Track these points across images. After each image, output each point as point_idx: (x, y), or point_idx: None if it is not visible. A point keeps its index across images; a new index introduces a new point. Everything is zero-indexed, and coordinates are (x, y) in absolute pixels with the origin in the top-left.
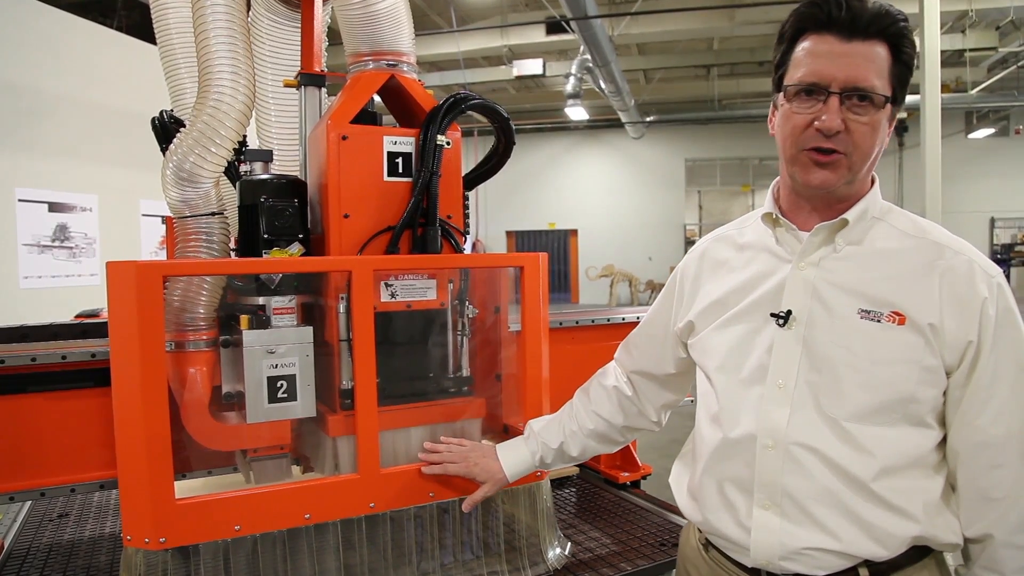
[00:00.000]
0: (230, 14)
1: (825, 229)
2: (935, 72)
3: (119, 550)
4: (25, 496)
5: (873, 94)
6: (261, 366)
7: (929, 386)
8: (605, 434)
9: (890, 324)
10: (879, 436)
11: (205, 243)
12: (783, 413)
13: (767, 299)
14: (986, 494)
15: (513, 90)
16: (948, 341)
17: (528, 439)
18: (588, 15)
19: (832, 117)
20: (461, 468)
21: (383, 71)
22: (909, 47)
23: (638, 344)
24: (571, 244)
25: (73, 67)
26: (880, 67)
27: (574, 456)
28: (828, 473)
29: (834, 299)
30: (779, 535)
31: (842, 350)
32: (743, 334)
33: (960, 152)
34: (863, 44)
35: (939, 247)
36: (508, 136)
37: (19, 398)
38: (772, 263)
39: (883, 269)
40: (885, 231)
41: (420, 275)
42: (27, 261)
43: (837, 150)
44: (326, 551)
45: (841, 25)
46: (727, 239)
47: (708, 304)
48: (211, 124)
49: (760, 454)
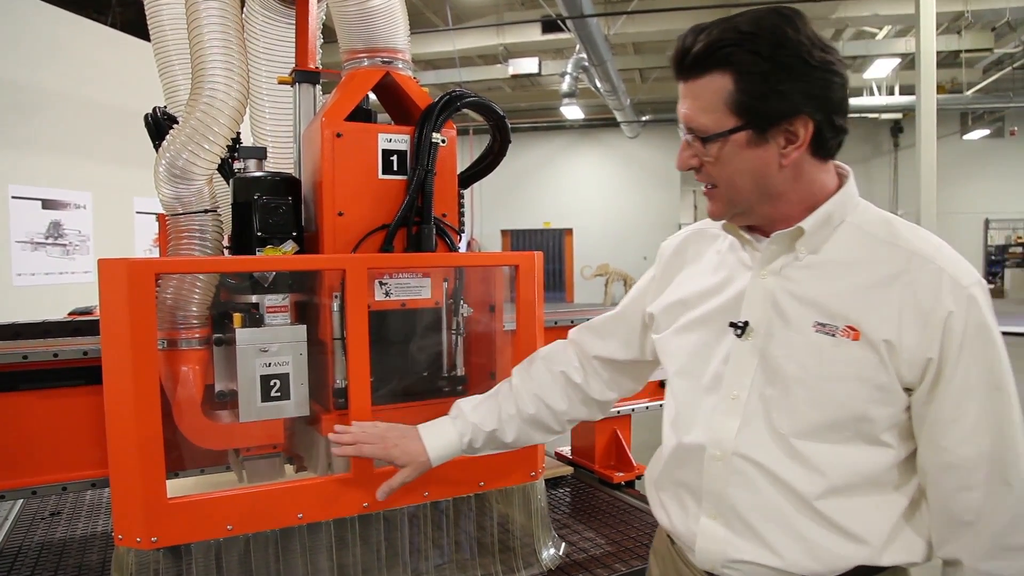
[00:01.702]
0: (223, 10)
1: (782, 237)
2: (931, 73)
3: (111, 549)
4: (16, 495)
5: (704, 133)
6: (254, 365)
7: (883, 405)
8: (544, 422)
9: (844, 339)
10: (829, 453)
11: (198, 240)
12: (733, 425)
13: (727, 307)
14: (955, 517)
15: (509, 89)
16: (906, 358)
17: (456, 419)
18: (584, 14)
19: (679, 157)
20: (378, 450)
21: (378, 68)
22: (748, 69)
23: (608, 329)
24: (566, 243)
25: (67, 64)
26: (714, 100)
27: (507, 443)
28: (773, 489)
29: (792, 310)
30: (723, 545)
31: (795, 364)
32: (703, 340)
33: (955, 153)
34: (700, 81)
35: (908, 255)
36: (504, 134)
37: (10, 396)
38: (738, 270)
39: (844, 280)
40: (854, 236)
41: (415, 274)
42: (20, 258)
43: (711, 184)
44: (319, 551)
45: (678, 68)
46: (711, 237)
47: (673, 301)
48: (204, 121)
49: (708, 464)
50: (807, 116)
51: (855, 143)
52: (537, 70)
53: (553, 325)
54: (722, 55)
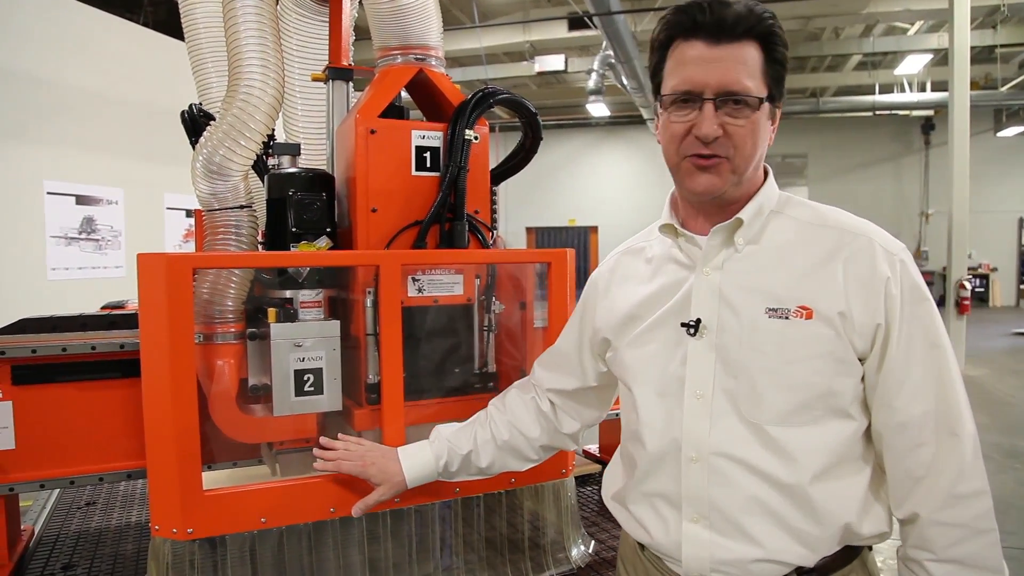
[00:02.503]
0: (260, 8)
1: (723, 230)
2: (964, 69)
3: (146, 539)
4: (55, 484)
5: (747, 96)
6: (288, 359)
7: (845, 376)
8: (519, 449)
9: (798, 319)
10: (803, 436)
11: (234, 236)
12: (704, 424)
13: (676, 309)
14: (910, 474)
15: (534, 86)
16: (857, 327)
17: (433, 443)
18: (611, 11)
19: (708, 124)
20: (356, 467)
21: (411, 65)
22: (781, 44)
23: (554, 362)
24: (591, 241)
25: (101, 62)
26: (752, 68)
27: (482, 468)
28: (754, 481)
29: (740, 301)
30: (709, 548)
31: (755, 353)
32: (657, 347)
33: (989, 150)
34: (732, 46)
35: (839, 232)
36: (535, 131)
37: (50, 387)
38: (679, 273)
39: (786, 264)
40: (785, 224)
41: (447, 270)
42: (55, 253)
43: (718, 155)
44: (351, 544)
45: (708, 29)
46: (636, 252)
47: (620, 319)
48: (240, 117)
49: (685, 467)
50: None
51: (885, 140)
52: (563, 67)
53: None
54: (765, 27)
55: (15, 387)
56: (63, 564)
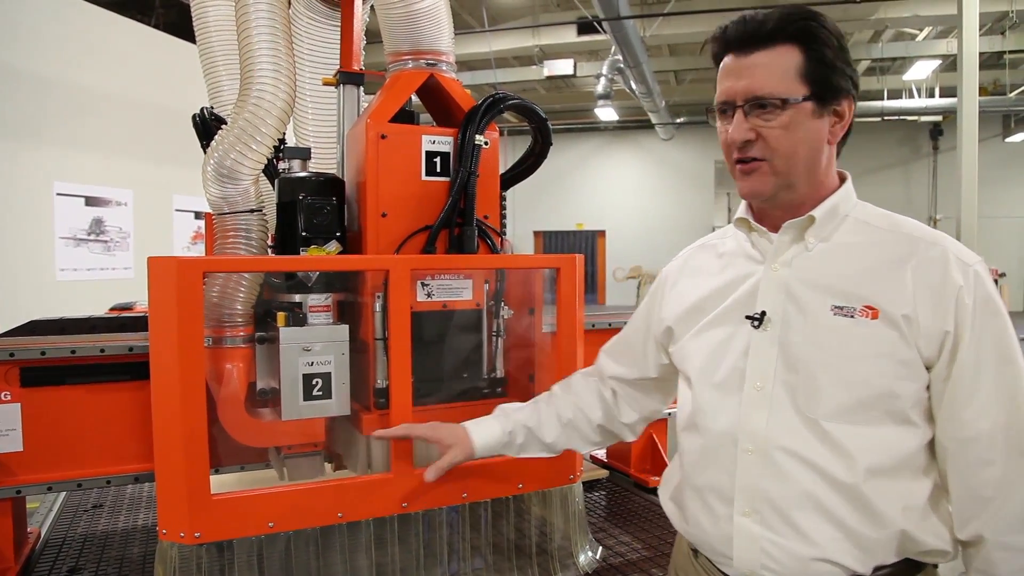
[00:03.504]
0: (272, 12)
1: (793, 227)
2: (972, 74)
3: (152, 542)
4: (63, 487)
5: (771, 99)
6: (297, 363)
7: (908, 380)
8: (581, 429)
9: (863, 319)
10: (860, 435)
11: (244, 240)
12: (762, 415)
13: (742, 302)
14: (976, 492)
15: (543, 90)
16: (924, 332)
17: (498, 416)
18: (620, 15)
19: (736, 130)
20: (427, 430)
21: (422, 70)
22: (822, 42)
23: (619, 350)
24: (599, 245)
25: (111, 64)
26: (784, 69)
27: (547, 443)
28: (809, 476)
29: (806, 297)
30: (760, 542)
31: (816, 348)
32: (720, 338)
33: (997, 156)
34: (763, 53)
35: (912, 239)
36: (545, 137)
37: (59, 390)
38: (748, 267)
39: (855, 264)
40: (858, 227)
41: (457, 275)
42: (64, 254)
43: (755, 158)
44: (358, 550)
45: (737, 42)
46: (709, 248)
47: (686, 309)
48: (252, 122)
49: (740, 459)
50: (852, 98)
51: (893, 145)
52: (572, 72)
53: (591, 328)
54: (797, 28)
55: (24, 389)
56: (69, 567)
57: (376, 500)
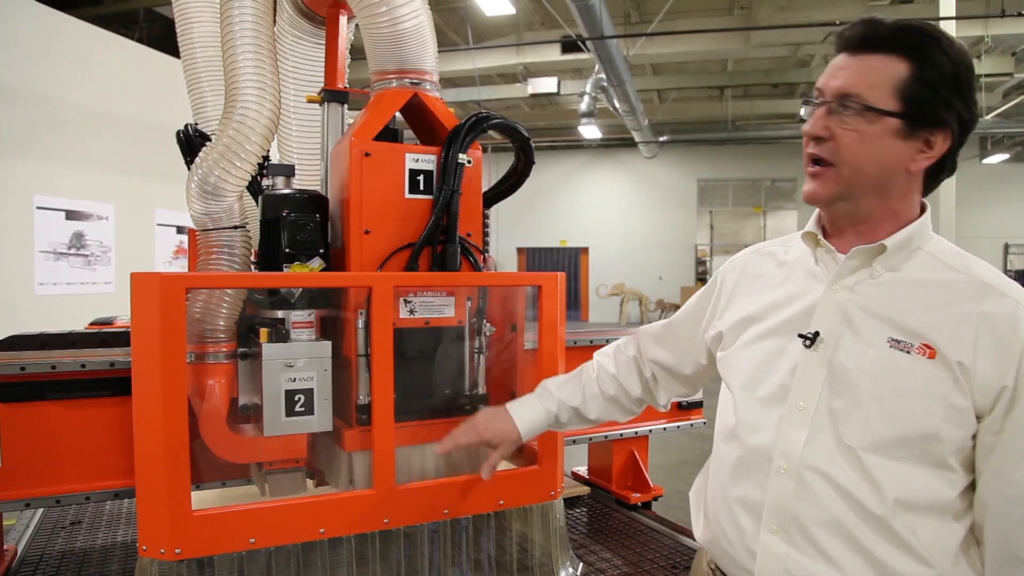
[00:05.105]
0: (257, 29)
1: (862, 253)
2: None
3: (132, 559)
4: (41, 503)
5: (857, 102)
6: (279, 379)
7: (955, 426)
8: (622, 403)
9: (919, 356)
10: (894, 471)
11: (227, 256)
12: (800, 435)
13: (797, 319)
14: (1013, 554)
15: (527, 107)
16: (980, 383)
17: (541, 396)
18: (604, 35)
19: (814, 122)
20: (471, 435)
21: (407, 89)
22: (933, 63)
23: (664, 337)
24: (582, 262)
25: (93, 78)
26: (884, 79)
27: (591, 419)
28: (839, 502)
29: (864, 325)
30: (784, 562)
31: (867, 377)
32: (769, 352)
33: (974, 177)
34: (870, 57)
35: (984, 286)
36: (528, 155)
37: (38, 405)
38: (808, 283)
39: (920, 300)
40: (928, 261)
41: (439, 292)
42: (43, 268)
43: (823, 158)
44: (339, 566)
45: (853, 43)
46: (770, 255)
47: (740, 318)
48: (236, 139)
49: (773, 476)
50: (950, 134)
51: None
52: (556, 89)
53: (572, 345)
54: (910, 41)
55: (2, 405)
56: None
57: (358, 516)
